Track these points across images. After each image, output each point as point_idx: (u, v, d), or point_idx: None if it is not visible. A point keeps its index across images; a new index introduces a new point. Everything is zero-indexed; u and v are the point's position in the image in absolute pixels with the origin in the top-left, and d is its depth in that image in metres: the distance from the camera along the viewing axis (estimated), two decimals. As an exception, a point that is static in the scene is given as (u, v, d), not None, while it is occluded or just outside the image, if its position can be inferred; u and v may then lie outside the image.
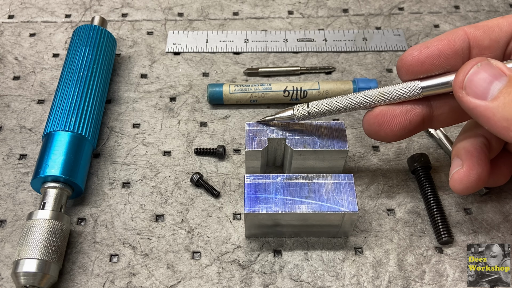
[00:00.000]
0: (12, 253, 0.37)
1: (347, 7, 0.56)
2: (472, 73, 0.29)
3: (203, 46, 0.52)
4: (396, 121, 0.34)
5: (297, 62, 0.51)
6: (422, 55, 0.32)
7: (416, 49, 0.33)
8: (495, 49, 0.32)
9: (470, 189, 0.33)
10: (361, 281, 0.36)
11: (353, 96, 0.35)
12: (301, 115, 0.37)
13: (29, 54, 0.51)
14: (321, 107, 0.36)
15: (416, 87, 0.33)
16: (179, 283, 0.36)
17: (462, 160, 0.34)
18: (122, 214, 0.39)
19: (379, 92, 0.34)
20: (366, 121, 0.35)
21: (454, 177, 0.34)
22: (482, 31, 0.32)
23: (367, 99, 0.34)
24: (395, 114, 0.34)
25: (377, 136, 0.35)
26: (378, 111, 0.34)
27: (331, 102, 0.36)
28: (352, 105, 0.35)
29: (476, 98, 0.29)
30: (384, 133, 0.34)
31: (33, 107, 0.47)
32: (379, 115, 0.34)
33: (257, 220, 0.35)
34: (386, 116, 0.34)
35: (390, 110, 0.34)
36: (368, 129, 0.35)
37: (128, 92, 0.48)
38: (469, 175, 0.33)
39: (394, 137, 0.35)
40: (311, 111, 0.36)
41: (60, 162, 0.38)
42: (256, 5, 0.56)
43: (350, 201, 0.35)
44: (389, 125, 0.34)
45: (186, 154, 0.43)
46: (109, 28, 0.53)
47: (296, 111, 0.37)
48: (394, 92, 0.34)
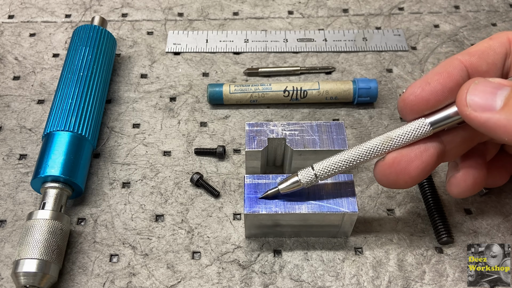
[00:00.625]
0: (12, 253, 0.37)
1: (347, 7, 0.56)
2: (472, 89, 0.28)
3: (203, 46, 0.52)
4: (414, 166, 0.31)
5: (297, 62, 0.51)
6: (426, 92, 0.30)
7: (418, 87, 0.31)
8: (494, 73, 0.31)
9: (467, 193, 0.33)
10: (361, 281, 0.36)
11: (360, 148, 0.32)
12: (308, 180, 0.34)
13: (29, 54, 0.51)
14: (328, 168, 0.33)
15: (425, 125, 0.31)
16: (179, 283, 0.36)
17: (458, 164, 0.34)
18: (122, 214, 0.39)
19: (387, 137, 0.32)
20: (380, 172, 0.32)
21: (450, 182, 0.33)
22: (477, 57, 0.31)
23: (375, 148, 0.32)
24: (410, 159, 0.31)
25: (395, 185, 0.32)
26: (392, 159, 0.32)
27: (338, 161, 0.33)
28: (361, 158, 0.32)
29: (484, 112, 0.28)
30: (403, 182, 0.32)
31: (33, 107, 0.47)
32: (394, 164, 0.31)
33: (257, 220, 0.35)
34: (402, 163, 0.31)
35: (405, 155, 0.31)
36: (384, 181, 0.32)
37: (128, 92, 0.48)
38: (465, 179, 0.33)
39: (413, 183, 0.32)
40: (319, 174, 0.33)
41: (60, 162, 0.38)
42: (256, 5, 0.56)
43: (350, 201, 0.35)
44: (407, 172, 0.31)
45: (186, 154, 0.43)
46: (109, 28, 0.53)
47: (302, 177, 0.34)
48: (403, 135, 0.31)
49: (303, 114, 0.46)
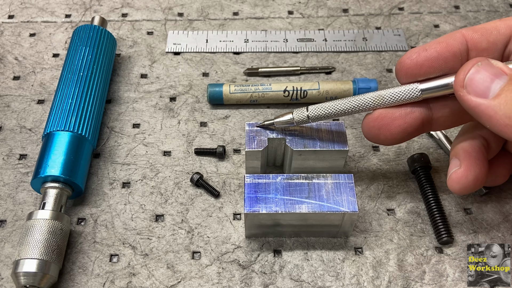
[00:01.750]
0: (12, 253, 0.37)
1: (347, 7, 0.56)
2: (473, 72, 0.29)
3: (203, 46, 0.52)
4: (396, 124, 0.34)
5: (297, 62, 0.51)
6: (421, 58, 0.32)
7: (415, 52, 0.33)
8: (493, 52, 0.32)
9: (468, 189, 0.33)
10: (361, 281, 0.36)
11: (353, 99, 0.35)
12: (300, 119, 0.36)
13: (29, 54, 0.51)
14: (321, 110, 0.36)
15: (416, 90, 0.33)
16: (179, 283, 0.36)
17: (460, 160, 0.34)
18: (122, 214, 0.39)
19: (379, 94, 0.34)
20: (365, 124, 0.35)
21: (452, 177, 0.34)
22: (480, 34, 0.32)
23: (366, 102, 0.34)
24: (394, 117, 0.34)
25: (377, 140, 0.35)
26: (377, 114, 0.34)
27: (331, 106, 0.35)
28: (352, 108, 0.35)
29: (477, 97, 0.29)
30: (383, 136, 0.34)
31: (33, 107, 0.47)
32: (378, 118, 0.34)
33: (257, 220, 0.35)
34: (385, 119, 0.34)
35: (389, 113, 0.34)
36: (368, 133, 0.35)
37: (128, 92, 0.48)
38: (466, 176, 0.33)
39: (394, 140, 0.34)
40: (311, 115, 0.36)
41: (60, 162, 0.38)
42: (256, 5, 0.56)
43: (350, 201, 0.35)
44: (388, 128, 0.34)
45: (186, 154, 0.43)
46: (109, 28, 0.53)
47: (295, 115, 0.37)
48: (394, 94, 0.33)
49: (303, 114, 0.46)
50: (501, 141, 0.36)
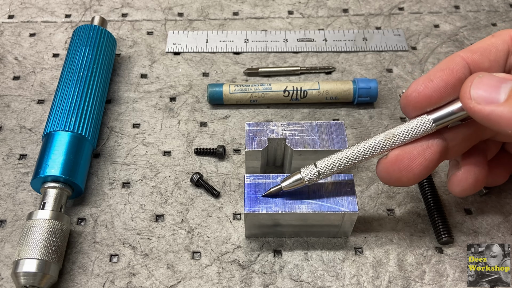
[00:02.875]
0: (12, 253, 0.37)
1: (347, 7, 0.56)
2: (476, 82, 0.28)
3: (203, 46, 0.52)
4: (417, 163, 0.31)
5: (297, 62, 0.51)
6: (428, 89, 0.31)
7: (420, 84, 0.31)
8: (496, 70, 0.31)
9: (468, 191, 0.33)
10: (361, 281, 0.36)
11: (362, 146, 0.33)
12: (311, 178, 0.34)
13: (29, 54, 0.51)
14: (331, 166, 0.33)
15: (428, 122, 0.31)
16: (179, 283, 0.36)
17: (459, 162, 0.34)
18: (122, 214, 0.39)
19: (390, 134, 0.32)
20: (382, 169, 0.32)
21: (452, 180, 0.33)
22: (479, 54, 0.31)
23: (377, 145, 0.32)
24: (413, 156, 0.31)
25: (398, 183, 0.32)
26: (394, 156, 0.32)
27: (340, 159, 0.33)
28: (363, 156, 0.32)
29: (488, 104, 0.28)
30: (406, 179, 0.32)
31: (33, 107, 0.47)
32: (397, 161, 0.31)
33: (257, 220, 0.35)
34: (405, 160, 0.31)
35: (407, 153, 0.31)
36: (387, 178, 0.32)
37: (128, 92, 0.48)
38: (466, 178, 0.33)
39: (416, 180, 0.32)
40: (321, 172, 0.33)
41: (60, 162, 0.38)
42: (256, 5, 0.56)
43: (350, 201, 0.35)
44: (410, 169, 0.31)
45: (186, 154, 0.43)
46: (109, 28, 0.53)
47: (305, 175, 0.34)
48: (406, 131, 0.31)
49: (303, 114, 0.46)
50: (499, 142, 0.36)
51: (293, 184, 0.34)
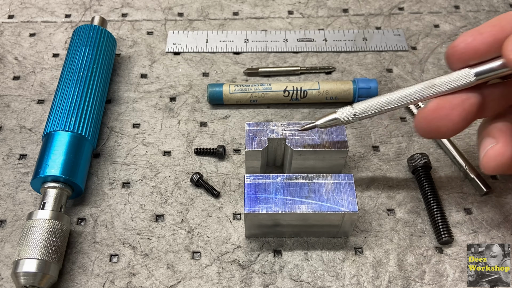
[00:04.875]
0: (12, 253, 0.37)
1: (347, 7, 0.56)
2: None
3: (203, 46, 0.52)
4: (456, 112, 0.31)
5: (297, 62, 0.51)
6: (477, 41, 0.31)
7: (470, 36, 0.31)
8: None
9: (505, 166, 0.32)
10: (361, 281, 0.36)
11: (401, 92, 0.33)
12: (347, 118, 0.34)
13: (29, 54, 0.51)
14: (368, 108, 0.34)
15: (469, 75, 0.31)
16: (179, 283, 0.36)
17: (495, 138, 0.32)
18: (122, 214, 0.39)
19: (430, 83, 0.32)
20: (422, 118, 0.32)
21: (488, 154, 0.32)
22: None
23: (416, 93, 0.32)
24: (453, 105, 0.31)
25: (437, 133, 0.32)
26: (435, 105, 0.32)
27: (378, 102, 0.33)
28: (401, 102, 0.33)
29: None
30: (445, 128, 0.32)
31: (33, 107, 0.47)
32: (437, 109, 0.32)
33: (257, 220, 0.35)
34: (445, 109, 0.32)
35: (448, 101, 0.32)
36: (426, 127, 0.32)
37: (128, 92, 0.48)
38: (504, 152, 0.31)
39: (455, 130, 0.32)
40: (358, 114, 0.34)
41: (60, 162, 0.38)
42: (256, 5, 0.56)
43: (350, 201, 0.35)
44: (450, 119, 0.32)
45: (186, 154, 0.43)
46: (109, 28, 0.53)
47: (341, 115, 0.34)
48: (447, 82, 0.32)
49: (303, 114, 0.46)
50: None
51: (328, 122, 0.35)
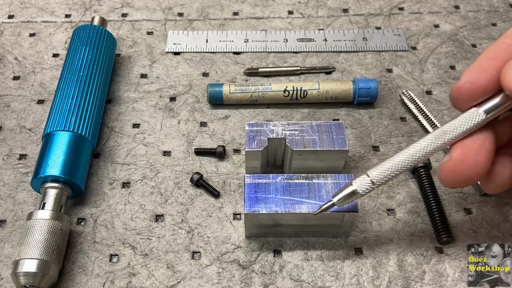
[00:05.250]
0: (12, 253, 0.37)
1: (347, 7, 0.56)
2: None
3: (203, 46, 0.52)
4: (482, 156, 0.30)
5: (297, 62, 0.51)
6: (483, 80, 0.29)
7: (474, 74, 0.29)
8: None
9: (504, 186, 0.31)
10: (361, 281, 0.36)
11: (414, 148, 0.31)
12: (365, 189, 0.32)
13: (29, 54, 0.51)
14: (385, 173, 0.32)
15: (479, 115, 0.30)
16: (179, 283, 0.36)
17: None
18: (122, 214, 0.39)
19: (440, 131, 0.31)
20: (449, 172, 0.30)
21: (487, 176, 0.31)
22: None
23: (430, 145, 0.31)
24: (476, 150, 0.30)
25: (468, 181, 0.30)
26: (460, 155, 0.30)
27: (394, 164, 0.32)
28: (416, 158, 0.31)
29: None
30: (476, 175, 0.30)
31: (33, 107, 0.47)
32: (464, 159, 0.30)
33: (257, 220, 0.35)
34: (471, 156, 0.30)
35: (470, 148, 0.30)
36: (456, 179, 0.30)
37: (128, 92, 0.48)
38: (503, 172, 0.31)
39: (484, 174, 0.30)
40: (375, 181, 0.32)
41: (60, 162, 0.38)
42: (256, 5, 0.56)
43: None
44: (478, 164, 0.30)
45: (186, 154, 0.43)
46: (109, 28, 0.53)
47: (359, 186, 0.32)
48: (458, 126, 0.30)
49: (303, 114, 0.46)
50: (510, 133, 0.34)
51: (346, 198, 0.32)
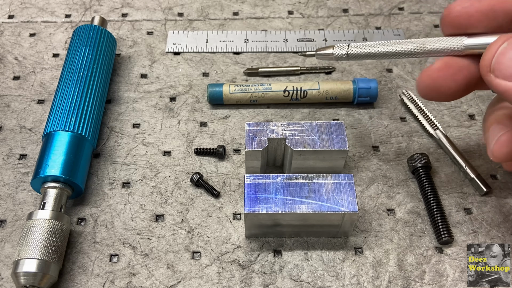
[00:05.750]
0: (12, 253, 0.37)
1: (347, 7, 0.56)
2: (500, 54, 0.28)
3: (203, 46, 0.52)
4: (462, 74, 0.31)
5: (297, 62, 0.51)
6: (473, 8, 0.30)
7: (467, 0, 0.30)
8: None
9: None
10: (361, 281, 0.36)
11: (394, 42, 0.34)
12: (339, 54, 0.36)
13: (29, 54, 0.51)
14: (361, 49, 0.35)
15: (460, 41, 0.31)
16: (179, 283, 0.36)
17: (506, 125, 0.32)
18: (122, 214, 0.39)
19: (421, 42, 0.33)
20: (427, 76, 0.32)
21: (501, 140, 0.31)
22: None
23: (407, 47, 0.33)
24: (460, 66, 0.31)
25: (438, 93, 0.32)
26: (443, 63, 0.32)
27: (372, 45, 0.35)
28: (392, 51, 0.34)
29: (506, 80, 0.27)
30: (447, 88, 0.32)
31: (33, 107, 0.47)
32: (445, 68, 0.31)
33: (257, 220, 0.35)
34: (452, 68, 0.31)
35: (455, 62, 0.32)
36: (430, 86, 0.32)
37: (128, 92, 0.48)
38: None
39: (455, 94, 0.32)
40: (350, 52, 0.35)
41: (60, 162, 0.38)
42: (256, 5, 0.56)
43: (350, 201, 0.35)
44: (455, 78, 0.31)
45: (186, 154, 0.43)
46: (109, 28, 0.53)
47: (336, 50, 0.36)
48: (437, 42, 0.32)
49: (303, 114, 0.46)
50: None
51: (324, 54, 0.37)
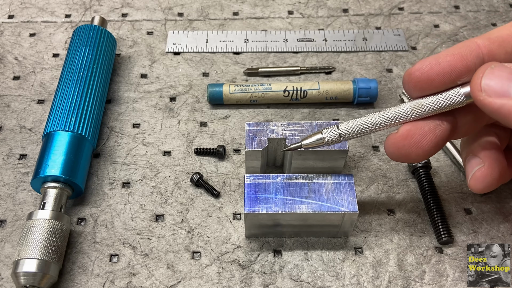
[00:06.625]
0: (12, 253, 0.37)
1: (347, 7, 0.56)
2: (488, 73, 0.28)
3: (203, 46, 0.52)
4: (427, 139, 0.31)
5: (297, 62, 0.51)
6: (433, 71, 0.30)
7: (427, 64, 0.30)
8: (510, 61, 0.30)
9: (492, 187, 0.32)
10: (361, 281, 0.36)
11: (388, 113, 0.32)
12: (331, 138, 0.34)
13: (29, 54, 0.51)
14: (353, 128, 0.33)
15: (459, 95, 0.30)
16: (179, 283, 0.36)
17: (481, 158, 0.32)
18: (122, 214, 0.39)
19: (418, 103, 0.31)
20: (392, 144, 0.32)
21: (476, 176, 0.32)
22: (497, 45, 0.30)
23: (403, 113, 0.31)
24: (424, 132, 0.31)
25: (407, 158, 0.32)
26: (406, 131, 0.31)
27: (364, 122, 0.33)
28: (387, 122, 0.32)
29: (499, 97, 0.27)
30: (415, 155, 0.31)
31: (33, 107, 0.47)
32: (408, 136, 0.31)
33: (257, 220, 0.35)
34: (416, 135, 0.31)
35: (419, 128, 0.31)
36: (396, 153, 0.32)
37: (128, 92, 0.48)
38: (491, 173, 0.32)
39: (425, 156, 0.32)
40: (343, 133, 0.33)
41: (60, 162, 0.38)
42: (256, 5, 0.56)
43: (350, 201, 0.35)
44: (420, 146, 0.31)
45: (186, 154, 0.43)
46: (109, 28, 0.53)
47: (326, 135, 0.34)
48: (436, 102, 0.30)
49: (303, 114, 0.46)
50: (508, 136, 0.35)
51: (313, 143, 0.34)
